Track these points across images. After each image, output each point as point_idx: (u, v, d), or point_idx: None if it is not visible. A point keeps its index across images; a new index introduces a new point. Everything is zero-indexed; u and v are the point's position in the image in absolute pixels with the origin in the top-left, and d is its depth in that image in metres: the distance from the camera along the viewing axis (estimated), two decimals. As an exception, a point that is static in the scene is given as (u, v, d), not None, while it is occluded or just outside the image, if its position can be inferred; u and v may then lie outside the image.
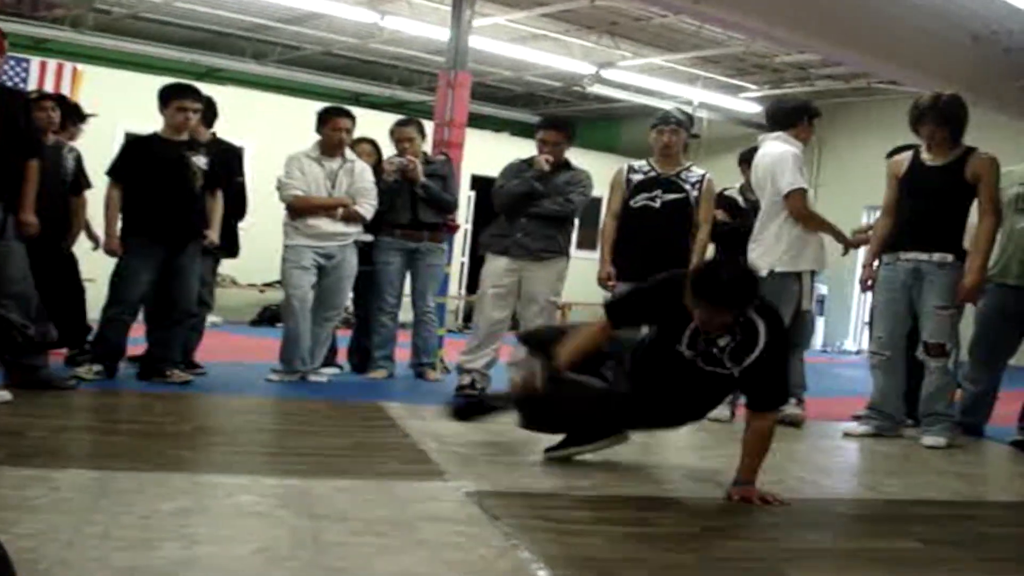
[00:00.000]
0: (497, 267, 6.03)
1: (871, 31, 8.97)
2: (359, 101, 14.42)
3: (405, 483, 3.47)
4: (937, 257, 5.15)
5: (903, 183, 5.33)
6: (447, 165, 6.93)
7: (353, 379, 6.55)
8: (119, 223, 5.61)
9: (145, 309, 5.84)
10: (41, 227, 4.97)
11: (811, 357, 6.70)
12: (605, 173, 6.38)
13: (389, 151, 6.81)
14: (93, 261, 6.24)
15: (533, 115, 15.00)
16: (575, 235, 6.74)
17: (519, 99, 16.18)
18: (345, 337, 7.00)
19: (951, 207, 5.20)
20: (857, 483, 4.48)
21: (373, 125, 7.64)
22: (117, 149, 5.85)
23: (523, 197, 5.95)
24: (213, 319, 10.13)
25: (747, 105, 13.84)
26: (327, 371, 6.41)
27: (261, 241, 7.94)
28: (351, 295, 6.73)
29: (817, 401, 6.16)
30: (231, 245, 6.36)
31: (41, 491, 2.93)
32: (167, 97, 5.64)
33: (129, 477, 3.20)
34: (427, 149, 6.98)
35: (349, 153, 6.26)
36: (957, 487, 4.28)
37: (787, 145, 5.54)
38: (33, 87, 9.68)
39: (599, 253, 5.91)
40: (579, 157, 6.46)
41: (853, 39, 9.05)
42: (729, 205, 6.30)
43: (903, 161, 5.38)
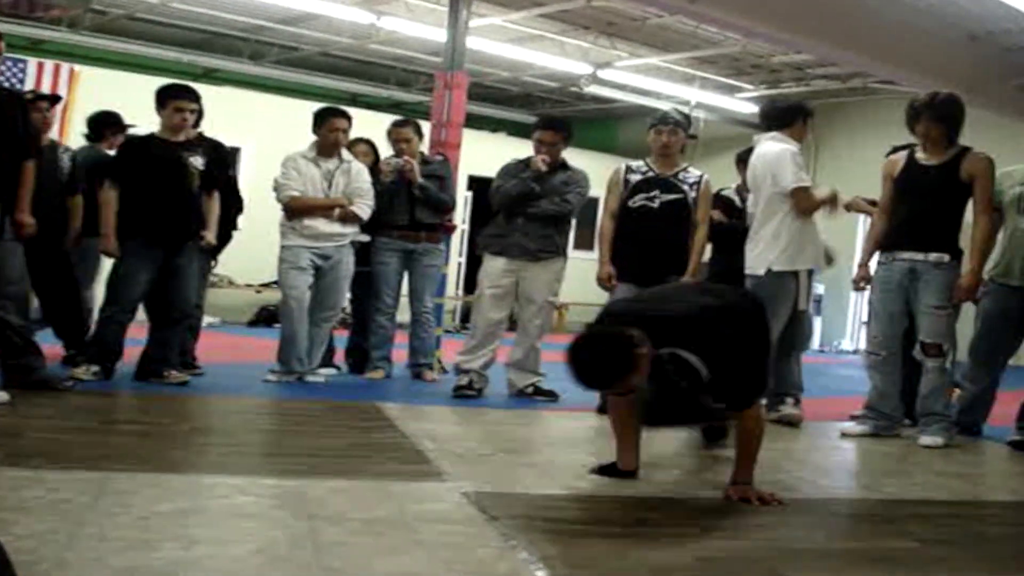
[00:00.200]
0: (495, 267, 6.03)
1: (868, 31, 8.98)
2: (356, 102, 14.42)
3: (403, 484, 3.47)
4: (933, 257, 5.15)
5: (898, 183, 5.33)
6: (444, 165, 6.93)
7: (351, 380, 6.55)
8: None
9: (147, 310, 5.84)
10: (38, 227, 4.97)
11: (808, 357, 6.71)
12: (602, 173, 6.38)
13: (386, 152, 6.81)
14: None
15: (530, 115, 15.00)
16: (572, 235, 6.74)
17: (516, 99, 16.18)
18: (343, 338, 7.00)
19: (947, 207, 5.20)
20: (855, 483, 4.48)
21: (370, 126, 7.64)
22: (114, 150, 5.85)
23: (520, 198, 5.96)
24: (210, 320, 10.16)
25: (744, 105, 13.85)
26: (324, 372, 6.41)
27: (258, 242, 7.93)
28: (349, 296, 6.73)
29: (815, 401, 6.16)
30: (223, 242, 6.30)
31: (39, 492, 2.93)
32: (164, 98, 5.64)
33: (127, 478, 3.20)
34: (424, 149, 6.98)
35: (346, 154, 6.26)
36: (955, 487, 4.28)
37: (784, 143, 5.54)
38: (30, 88, 9.66)
39: (597, 253, 5.90)
40: (576, 157, 6.46)
41: (850, 39, 9.06)
42: (726, 205, 6.30)
43: (898, 161, 5.39)
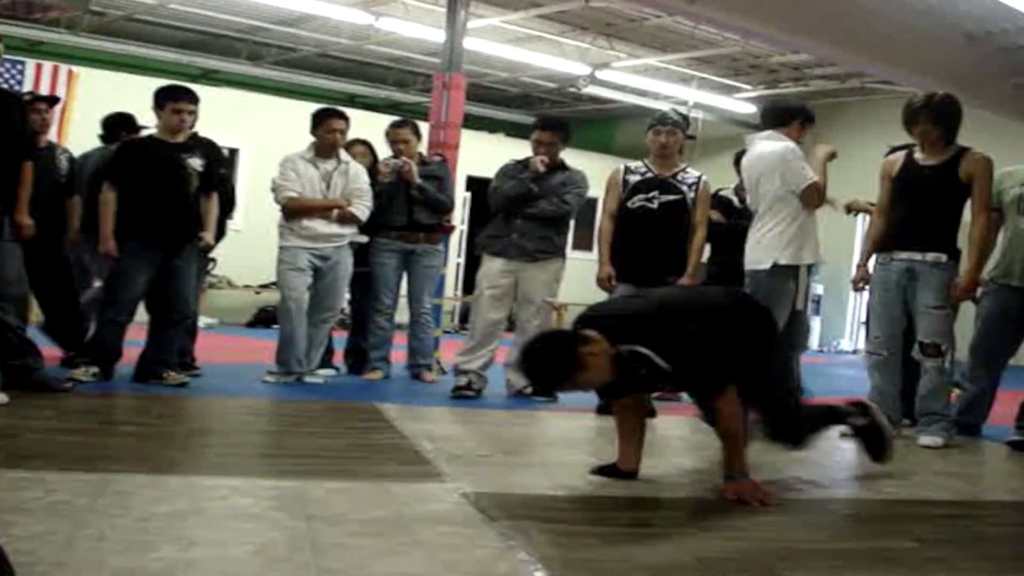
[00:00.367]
0: (493, 268, 6.03)
1: (866, 31, 8.98)
2: (354, 102, 14.41)
3: (402, 484, 3.47)
4: (931, 257, 5.15)
5: (897, 183, 5.33)
6: (443, 166, 6.93)
7: (349, 380, 6.55)
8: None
9: (149, 310, 5.84)
10: (36, 229, 4.97)
11: (808, 357, 6.70)
12: (601, 174, 6.37)
13: (384, 152, 6.81)
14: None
15: (528, 116, 15.01)
16: (571, 236, 6.74)
17: (514, 100, 16.18)
18: (341, 338, 7.00)
19: (945, 207, 5.20)
20: (854, 483, 4.47)
21: (369, 126, 7.64)
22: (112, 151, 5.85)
23: (519, 199, 5.96)
24: (208, 320, 10.17)
25: (742, 105, 13.85)
26: (323, 372, 6.41)
27: (257, 242, 7.94)
28: (348, 297, 6.73)
29: (814, 401, 6.15)
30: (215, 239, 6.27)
31: (38, 493, 2.93)
32: (163, 99, 5.64)
33: (126, 479, 3.20)
34: (423, 150, 6.98)
35: (344, 154, 6.26)
36: (954, 486, 4.28)
37: (785, 141, 5.51)
38: (28, 89, 9.66)
39: (596, 254, 5.90)
40: (574, 158, 6.47)
41: (848, 39, 9.06)
42: (724, 205, 6.31)
43: (896, 161, 5.39)
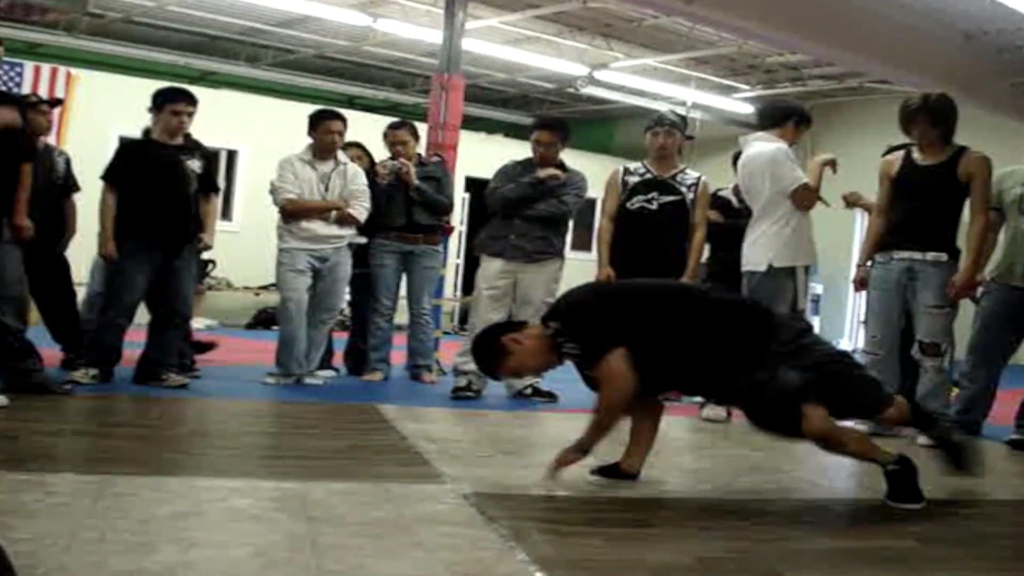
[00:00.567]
0: (492, 269, 6.04)
1: (863, 31, 8.98)
2: (353, 104, 14.42)
3: (402, 485, 3.47)
4: (931, 256, 5.15)
5: (896, 183, 5.33)
6: (441, 167, 6.93)
7: (349, 382, 6.55)
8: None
9: (150, 311, 5.85)
10: (35, 230, 4.97)
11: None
12: (599, 174, 6.39)
13: (382, 154, 6.81)
14: (89, 265, 6.24)
15: (527, 117, 15.02)
16: (570, 236, 6.75)
17: (513, 101, 16.18)
18: (341, 340, 7.00)
19: (944, 206, 5.20)
20: (854, 482, 4.47)
21: (367, 128, 7.65)
22: (111, 153, 5.85)
23: (519, 202, 5.96)
24: (208, 322, 10.18)
25: (740, 105, 13.85)
26: (323, 374, 6.41)
27: (256, 244, 7.93)
28: (347, 298, 6.72)
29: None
30: None
31: (38, 496, 2.92)
32: (161, 101, 5.65)
33: (126, 481, 3.20)
34: (421, 151, 6.98)
35: (342, 156, 6.26)
36: (954, 485, 4.27)
37: (776, 143, 5.54)
38: (27, 91, 9.66)
39: (596, 255, 5.91)
40: (573, 158, 6.47)
41: (845, 39, 9.07)
42: (723, 205, 6.31)
43: (895, 161, 5.39)
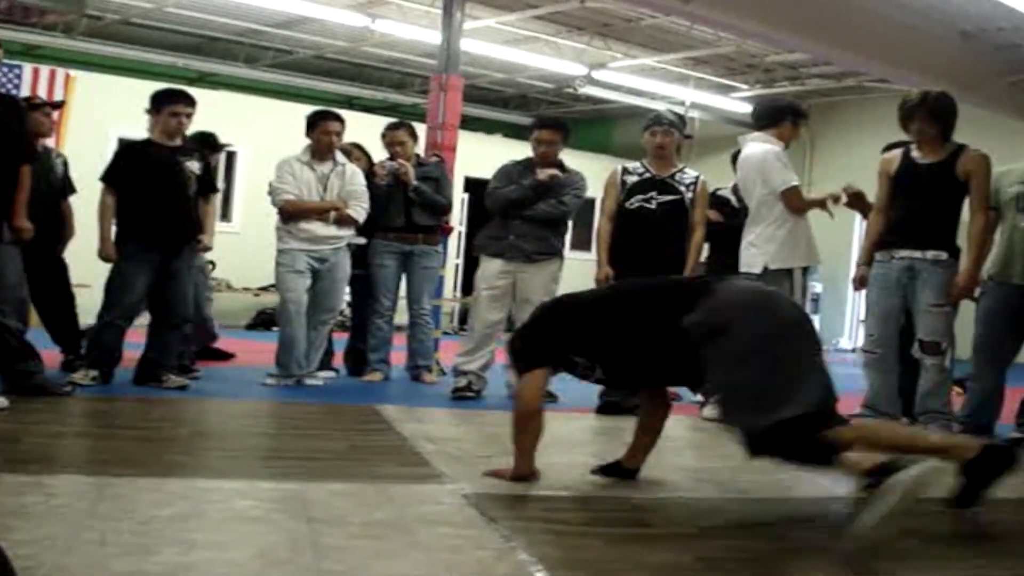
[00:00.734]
0: (491, 269, 6.04)
1: (861, 29, 8.99)
2: (352, 104, 14.41)
3: (402, 486, 3.47)
4: (931, 255, 5.15)
5: (895, 181, 5.33)
6: (440, 167, 6.93)
7: (349, 382, 6.55)
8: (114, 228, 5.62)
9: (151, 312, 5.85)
10: (34, 232, 4.98)
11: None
12: (598, 174, 6.39)
13: (381, 154, 6.81)
14: (88, 267, 6.24)
15: (526, 117, 15.01)
16: (569, 236, 6.75)
17: (511, 101, 16.18)
18: (341, 340, 7.00)
19: (943, 205, 5.20)
20: (854, 481, 4.47)
21: (366, 128, 7.65)
22: (110, 154, 5.85)
23: (518, 203, 5.97)
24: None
25: (738, 105, 13.84)
26: (323, 374, 6.41)
27: (255, 245, 7.93)
28: (347, 298, 6.72)
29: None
30: None
31: (38, 497, 2.93)
32: (160, 102, 5.65)
33: (126, 482, 3.20)
34: (420, 152, 6.98)
35: (340, 156, 6.27)
36: (955, 484, 4.27)
37: (768, 145, 5.56)
38: (26, 93, 9.66)
39: (595, 254, 5.91)
40: (572, 158, 6.47)
41: (843, 38, 9.07)
42: (722, 204, 6.31)
43: (894, 159, 5.39)
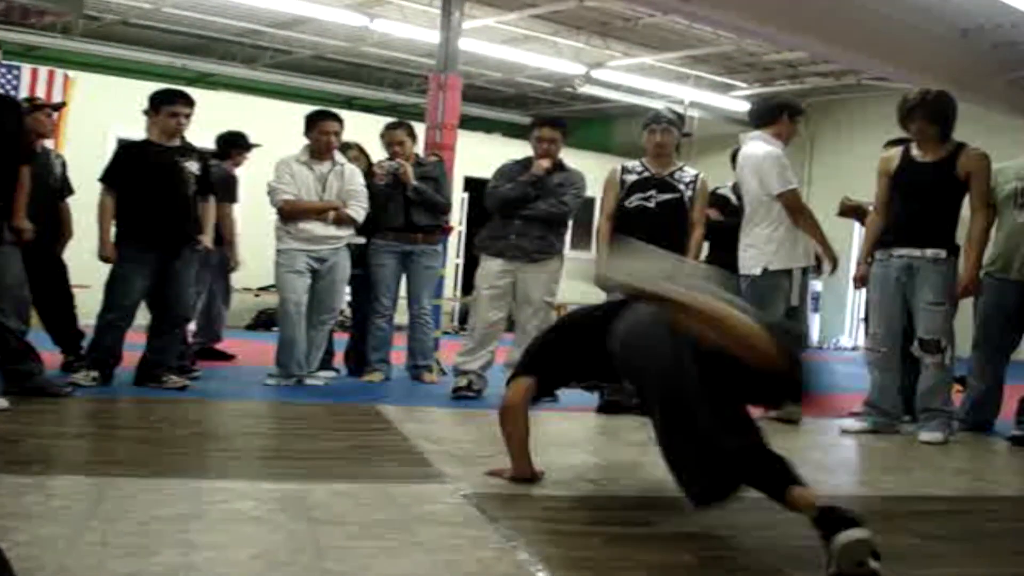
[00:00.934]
0: (492, 269, 6.03)
1: (860, 28, 8.99)
2: (351, 104, 14.42)
3: (403, 486, 3.47)
4: (930, 253, 5.16)
5: (894, 180, 5.34)
6: (439, 167, 6.92)
7: (350, 382, 6.55)
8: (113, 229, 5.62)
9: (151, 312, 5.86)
10: (34, 233, 4.98)
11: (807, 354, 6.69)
12: (598, 173, 6.38)
13: (380, 154, 6.81)
14: (88, 267, 6.24)
15: (525, 116, 15.02)
16: (569, 235, 6.75)
17: (510, 100, 16.18)
18: (342, 340, 7.00)
19: (943, 203, 5.21)
20: (855, 480, 4.48)
21: (365, 128, 7.64)
22: (109, 155, 5.85)
23: (517, 201, 5.96)
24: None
25: (738, 103, 13.84)
26: (323, 375, 6.41)
27: (255, 245, 7.92)
28: (347, 298, 6.72)
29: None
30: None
31: (39, 498, 2.93)
32: (158, 103, 5.65)
33: (127, 483, 3.19)
34: (419, 151, 6.98)
35: (339, 156, 6.27)
36: (955, 483, 4.29)
37: (767, 145, 5.55)
38: (24, 94, 9.67)
39: (595, 254, 5.90)
40: (572, 157, 6.47)
41: (842, 36, 9.07)
42: (722, 203, 6.31)
43: (893, 158, 5.39)
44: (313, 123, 6.16)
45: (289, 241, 6.07)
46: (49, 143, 6.64)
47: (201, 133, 6.17)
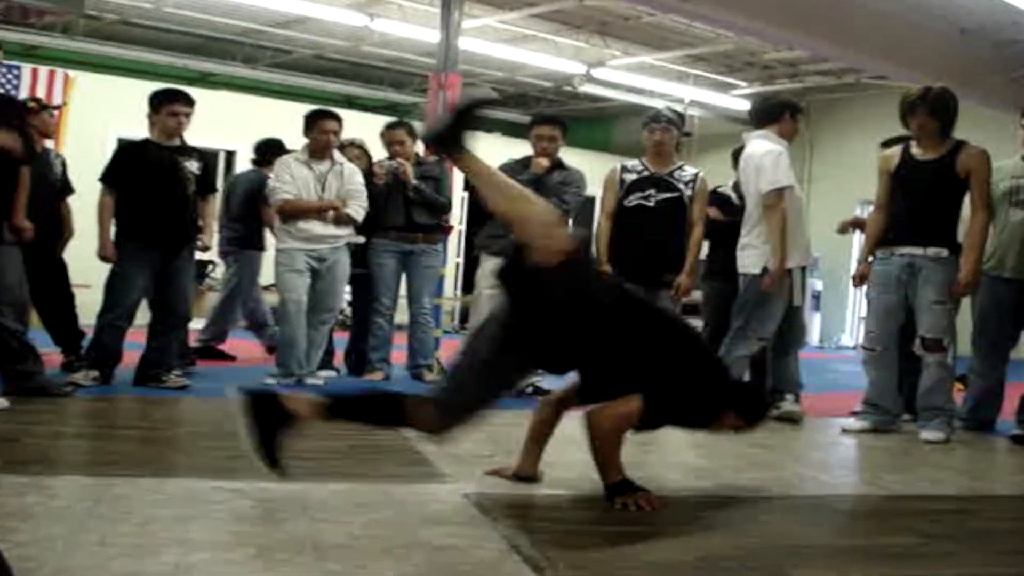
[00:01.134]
0: (492, 268, 6.02)
1: (860, 26, 8.99)
2: (351, 104, 14.42)
3: (404, 486, 3.47)
4: (932, 251, 5.15)
5: (895, 178, 5.33)
6: (439, 166, 6.91)
7: (350, 382, 6.53)
8: (113, 228, 5.62)
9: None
10: (34, 232, 4.98)
11: (808, 353, 6.71)
12: (598, 172, 6.38)
13: (381, 154, 6.81)
14: (87, 267, 6.24)
15: (525, 115, 15.00)
16: (569, 234, 6.73)
17: (510, 99, 16.16)
18: (342, 340, 6.99)
19: (944, 201, 5.20)
20: (856, 479, 4.47)
21: (365, 127, 7.63)
22: (109, 155, 5.85)
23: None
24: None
25: (738, 102, 13.84)
26: (324, 374, 6.40)
27: (255, 245, 7.93)
28: (348, 298, 6.72)
29: (815, 397, 6.16)
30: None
31: (38, 498, 2.92)
32: (159, 102, 5.65)
33: (126, 483, 3.19)
34: (419, 151, 6.98)
35: (338, 155, 6.27)
36: (957, 482, 4.28)
37: (771, 143, 5.54)
38: (25, 94, 9.67)
39: (594, 253, 5.90)
40: (572, 156, 6.46)
41: (842, 35, 9.07)
42: (723, 202, 6.30)
43: (893, 156, 5.38)
44: (312, 122, 6.16)
45: (289, 240, 6.07)
46: (49, 143, 6.64)
47: (201, 133, 6.16)
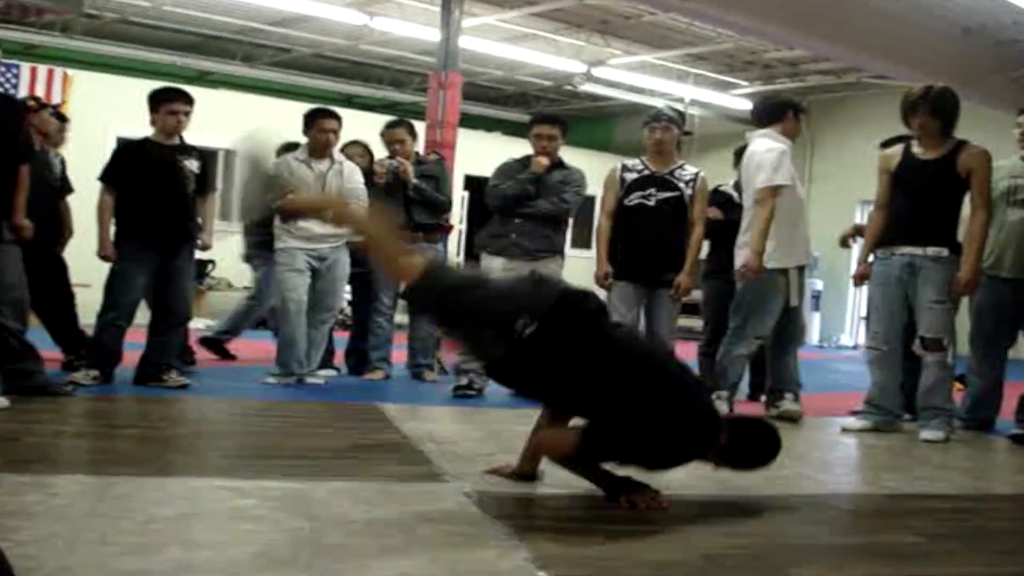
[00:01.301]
0: (493, 267, 6.02)
1: (861, 26, 8.99)
2: (351, 103, 14.42)
3: (404, 484, 3.47)
4: (932, 251, 5.15)
5: (895, 178, 5.33)
6: (439, 165, 6.92)
7: (350, 381, 6.54)
8: (112, 228, 5.61)
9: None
10: (34, 231, 4.97)
11: (808, 353, 6.71)
12: (598, 171, 6.38)
13: (381, 153, 6.81)
14: (87, 266, 6.24)
15: (525, 114, 15.02)
16: (570, 234, 6.74)
17: (510, 98, 16.19)
18: (342, 339, 6.99)
19: (944, 201, 5.20)
20: (856, 478, 4.48)
21: (365, 127, 7.64)
22: (109, 154, 5.85)
23: (517, 199, 5.96)
24: (209, 322, 10.15)
25: (738, 101, 13.85)
26: (324, 373, 6.40)
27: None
28: (348, 297, 6.71)
29: (815, 397, 6.16)
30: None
31: (39, 497, 2.92)
32: (158, 101, 5.65)
33: (127, 482, 3.19)
34: (420, 150, 6.98)
35: (338, 154, 6.26)
36: (956, 481, 4.28)
37: (773, 142, 5.54)
38: (24, 93, 9.67)
39: (595, 252, 5.90)
40: (572, 156, 6.46)
41: (843, 34, 9.07)
42: (724, 201, 6.31)
43: (894, 155, 5.38)
44: (312, 121, 6.15)
45: (288, 240, 6.06)
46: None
47: (201, 132, 6.15)
